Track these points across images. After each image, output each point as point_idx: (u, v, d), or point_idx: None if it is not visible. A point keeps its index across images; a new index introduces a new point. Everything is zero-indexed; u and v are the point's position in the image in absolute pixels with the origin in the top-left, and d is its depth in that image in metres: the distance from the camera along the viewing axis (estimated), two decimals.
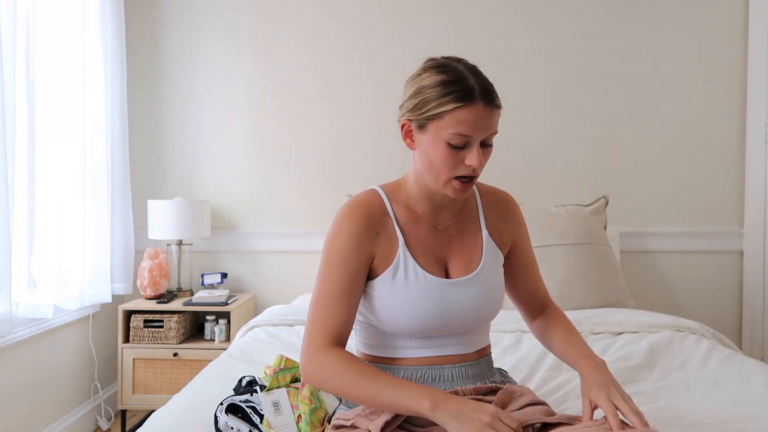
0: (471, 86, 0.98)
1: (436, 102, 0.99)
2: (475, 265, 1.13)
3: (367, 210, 1.10)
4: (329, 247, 1.08)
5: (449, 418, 0.91)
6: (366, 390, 0.97)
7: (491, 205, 1.21)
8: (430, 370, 1.10)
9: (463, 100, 0.98)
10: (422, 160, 1.06)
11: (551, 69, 2.73)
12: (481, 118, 0.98)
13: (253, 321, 2.11)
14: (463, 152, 1.01)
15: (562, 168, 2.75)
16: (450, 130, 0.99)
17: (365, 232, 1.08)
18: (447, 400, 0.93)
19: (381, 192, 1.15)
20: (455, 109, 0.98)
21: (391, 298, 1.08)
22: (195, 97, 2.81)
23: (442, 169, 1.03)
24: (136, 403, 2.45)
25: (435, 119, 1.00)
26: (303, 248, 2.76)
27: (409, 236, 1.11)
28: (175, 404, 1.35)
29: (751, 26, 2.65)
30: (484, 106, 0.99)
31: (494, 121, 1.01)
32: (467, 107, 0.98)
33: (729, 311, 2.74)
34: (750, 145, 2.67)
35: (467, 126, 0.98)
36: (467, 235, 1.16)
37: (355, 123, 2.77)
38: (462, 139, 0.99)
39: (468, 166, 1.01)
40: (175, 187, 2.82)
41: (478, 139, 1.00)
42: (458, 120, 0.98)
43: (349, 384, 0.98)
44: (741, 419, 1.23)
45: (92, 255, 2.40)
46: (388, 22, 2.75)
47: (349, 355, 1.02)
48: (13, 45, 1.93)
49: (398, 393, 0.96)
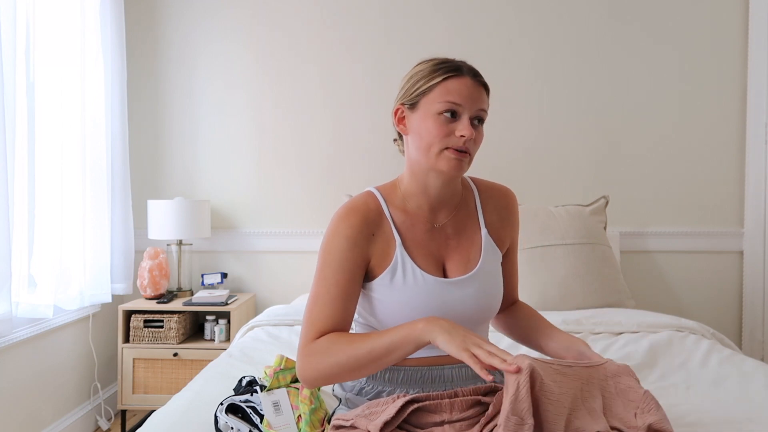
0: (459, 64, 1.07)
1: (426, 78, 1.06)
2: (473, 264, 1.13)
3: (362, 213, 1.10)
4: (325, 249, 1.09)
5: (441, 330, 0.94)
6: (361, 351, 0.99)
7: (490, 202, 1.20)
8: (430, 371, 1.10)
9: (452, 71, 1.05)
10: (415, 141, 1.08)
11: (551, 69, 2.73)
12: (469, 88, 1.04)
13: (253, 321, 2.11)
14: (454, 124, 1.04)
15: (562, 168, 2.75)
16: (440, 99, 1.04)
17: (361, 234, 1.08)
18: (440, 318, 0.97)
19: (377, 193, 1.15)
20: (444, 80, 1.04)
21: (389, 300, 1.08)
22: (195, 97, 2.81)
23: (434, 141, 1.04)
24: (136, 403, 2.45)
25: (426, 93, 1.06)
26: (303, 248, 2.76)
27: (406, 237, 1.11)
28: (175, 404, 1.35)
29: (751, 26, 2.65)
30: (472, 80, 1.05)
31: (482, 98, 1.06)
32: (456, 78, 1.05)
33: (729, 311, 2.74)
34: (750, 145, 2.67)
35: (456, 94, 1.03)
36: (465, 233, 1.15)
37: (356, 123, 2.77)
38: (452, 106, 1.03)
39: (459, 137, 1.03)
40: (175, 187, 2.82)
41: (467, 109, 1.04)
42: (447, 90, 1.04)
43: (343, 354, 0.99)
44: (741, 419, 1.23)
45: (92, 255, 2.40)
46: (390, 22, 2.75)
47: (335, 333, 1.04)
48: (13, 45, 1.93)
49: (392, 334, 0.98)
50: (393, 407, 1.00)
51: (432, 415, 1.02)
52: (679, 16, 2.70)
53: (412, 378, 1.10)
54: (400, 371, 1.11)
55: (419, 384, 1.10)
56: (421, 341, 0.96)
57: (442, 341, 0.92)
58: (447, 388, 1.09)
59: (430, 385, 1.10)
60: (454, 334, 0.93)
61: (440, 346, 0.93)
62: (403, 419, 1.02)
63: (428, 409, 1.03)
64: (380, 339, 0.98)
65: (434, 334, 0.94)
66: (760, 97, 2.63)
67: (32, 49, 2.12)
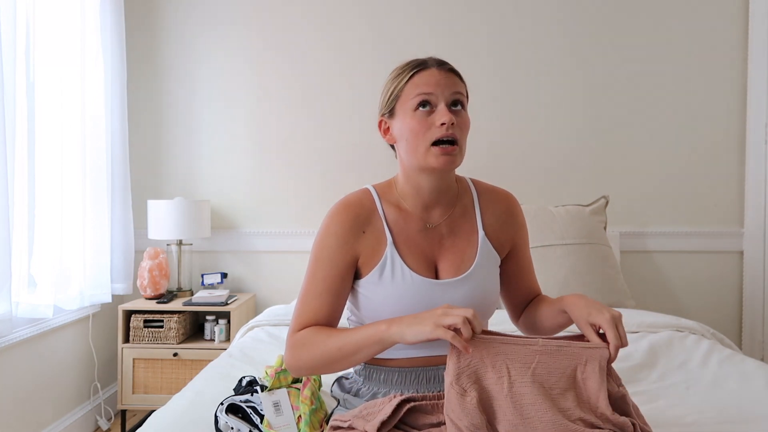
0: (423, 60, 1.08)
1: (395, 82, 1.08)
2: (467, 266, 1.11)
3: (354, 209, 1.10)
4: (315, 246, 1.11)
5: (406, 327, 0.93)
6: (333, 346, 1.00)
7: (489, 204, 1.18)
8: (424, 371, 1.10)
9: (416, 67, 1.07)
10: (401, 145, 1.09)
11: (551, 69, 2.73)
12: (437, 77, 1.05)
13: (253, 321, 2.11)
14: (432, 115, 1.04)
15: (562, 168, 2.75)
16: (412, 95, 1.05)
17: (350, 231, 1.09)
18: (401, 317, 0.96)
19: (372, 191, 1.15)
20: (411, 77, 1.06)
21: (376, 297, 1.08)
22: (195, 97, 2.81)
23: (418, 138, 1.05)
24: (136, 403, 2.45)
25: (399, 97, 1.07)
26: (303, 248, 2.76)
27: (397, 235, 1.11)
28: (175, 404, 1.35)
29: (751, 26, 2.65)
30: (438, 69, 1.06)
31: (453, 81, 1.06)
32: (422, 71, 1.06)
33: (729, 311, 2.74)
34: (750, 145, 2.67)
35: (425, 85, 1.04)
36: (461, 234, 1.13)
37: (355, 123, 2.77)
38: (424, 97, 1.04)
39: (440, 125, 1.03)
40: (175, 187, 2.82)
41: (441, 97, 1.04)
42: (416, 84, 1.05)
43: (317, 348, 1.01)
44: (741, 419, 1.23)
45: (92, 255, 2.40)
46: (390, 22, 2.75)
47: (316, 327, 1.05)
48: (13, 45, 1.93)
49: (359, 333, 0.99)
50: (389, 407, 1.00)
51: (429, 416, 1.02)
52: (679, 16, 2.70)
53: (407, 379, 1.10)
54: (394, 372, 1.10)
55: (414, 385, 1.10)
56: (386, 342, 0.96)
57: (412, 335, 0.91)
58: (442, 388, 1.09)
59: (425, 386, 1.09)
60: (419, 321, 0.91)
61: (412, 340, 0.92)
62: (400, 420, 1.02)
63: (425, 410, 1.03)
64: (350, 337, 0.99)
65: (400, 334, 0.93)
66: (760, 97, 2.63)
67: (32, 49, 2.12)
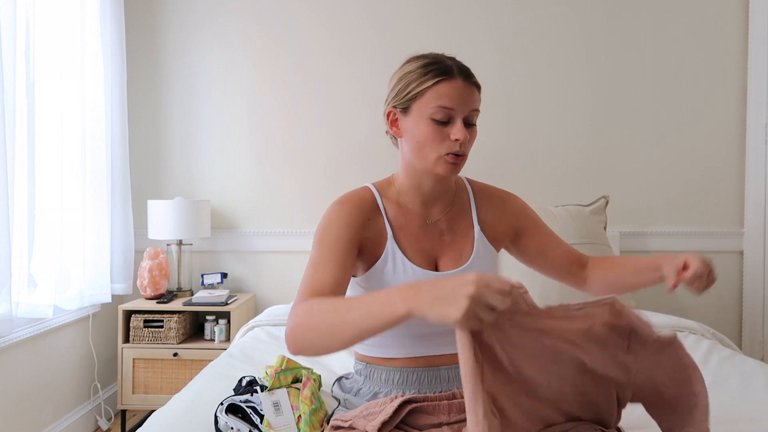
0: (450, 65, 1.05)
1: (417, 81, 1.05)
2: (465, 260, 1.13)
3: (357, 201, 1.12)
4: (319, 231, 1.07)
5: (428, 307, 0.75)
6: (338, 317, 0.84)
7: (484, 201, 1.21)
8: (426, 372, 1.10)
9: (443, 74, 1.03)
10: (409, 144, 1.09)
11: (551, 69, 2.73)
12: (461, 91, 1.03)
13: (253, 321, 2.11)
14: (448, 128, 1.04)
15: (562, 168, 2.75)
16: (432, 104, 1.03)
17: (357, 218, 1.09)
18: (420, 295, 0.76)
19: (372, 188, 1.17)
20: (436, 84, 1.03)
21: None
22: (195, 97, 2.81)
23: (429, 147, 1.05)
24: (136, 403, 2.45)
25: (418, 98, 1.05)
26: (303, 248, 2.76)
27: (398, 230, 1.12)
28: (175, 404, 1.35)
29: (751, 26, 2.65)
30: (463, 81, 1.04)
31: (474, 98, 1.05)
32: (447, 81, 1.03)
33: (729, 311, 2.74)
34: (750, 145, 2.67)
35: (448, 98, 1.02)
36: (458, 230, 1.16)
37: (356, 123, 2.77)
38: (445, 112, 1.03)
39: (454, 141, 1.03)
40: (175, 187, 2.82)
41: (460, 112, 1.04)
42: (439, 94, 1.03)
43: (322, 319, 0.86)
44: (741, 419, 1.23)
45: (92, 255, 2.40)
46: (390, 22, 2.75)
47: (323, 297, 0.93)
48: (13, 45, 1.93)
49: (369, 303, 0.81)
50: (390, 407, 1.00)
51: (430, 417, 1.02)
52: (679, 16, 2.70)
53: (408, 379, 1.10)
54: (396, 372, 1.10)
55: (416, 385, 1.10)
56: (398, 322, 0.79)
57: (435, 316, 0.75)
58: (444, 389, 1.09)
59: (426, 386, 1.09)
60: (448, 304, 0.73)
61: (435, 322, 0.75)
62: (401, 420, 1.02)
63: (427, 410, 1.03)
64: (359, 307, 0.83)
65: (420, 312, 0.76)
66: (760, 97, 2.63)
67: (32, 49, 2.12)
